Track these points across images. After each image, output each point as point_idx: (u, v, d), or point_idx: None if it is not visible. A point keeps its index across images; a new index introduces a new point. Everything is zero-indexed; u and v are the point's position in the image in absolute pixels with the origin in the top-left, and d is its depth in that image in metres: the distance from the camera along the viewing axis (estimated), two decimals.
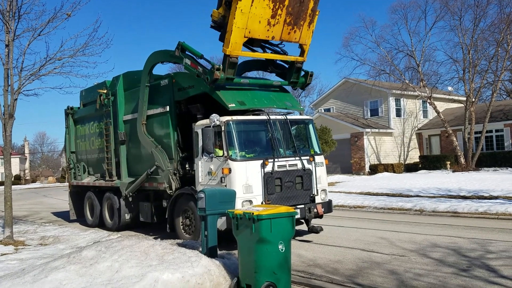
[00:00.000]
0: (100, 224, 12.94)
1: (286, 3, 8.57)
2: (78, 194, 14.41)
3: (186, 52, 9.23)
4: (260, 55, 9.68)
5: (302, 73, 9.99)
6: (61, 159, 71.62)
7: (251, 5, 8.18)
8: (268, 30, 8.71)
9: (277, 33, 8.90)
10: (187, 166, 9.81)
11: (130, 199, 11.56)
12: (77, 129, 14.58)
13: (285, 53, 9.73)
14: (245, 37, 8.55)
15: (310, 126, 10.11)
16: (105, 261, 6.10)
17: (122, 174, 11.77)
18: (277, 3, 8.47)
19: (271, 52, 9.76)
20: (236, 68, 8.87)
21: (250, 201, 8.39)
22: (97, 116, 13.10)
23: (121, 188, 11.62)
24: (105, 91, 12.33)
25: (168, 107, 10.02)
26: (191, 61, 9.11)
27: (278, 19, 8.67)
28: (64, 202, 19.10)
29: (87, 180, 13.71)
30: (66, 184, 18.09)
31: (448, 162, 28.14)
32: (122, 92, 11.90)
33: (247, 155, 8.83)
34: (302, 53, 9.61)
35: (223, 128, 8.69)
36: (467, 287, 5.92)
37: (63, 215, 16.83)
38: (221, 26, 8.77)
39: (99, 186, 13.04)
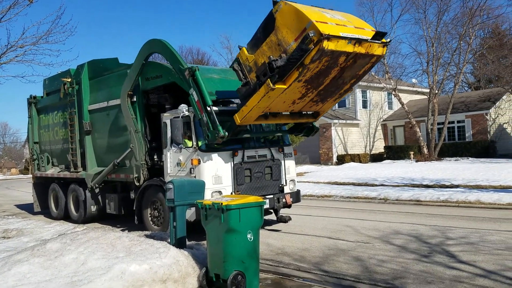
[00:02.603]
0: (65, 216, 12.67)
1: (321, 88, 7.59)
2: (42, 185, 14.04)
3: (195, 80, 8.20)
4: (273, 121, 8.72)
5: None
6: (24, 150, 69.29)
7: (282, 93, 7.17)
8: (289, 107, 7.98)
9: (298, 108, 8.15)
10: (155, 157, 9.71)
11: (96, 190, 11.35)
12: (41, 118, 14.15)
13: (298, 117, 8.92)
14: (262, 112, 7.78)
15: None
16: (71, 254, 6.00)
17: (87, 165, 11.53)
18: (311, 89, 7.49)
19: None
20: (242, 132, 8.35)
21: (220, 192, 8.40)
22: (61, 106, 12.74)
23: (86, 179, 11.39)
24: (69, 80, 11.99)
25: (135, 97, 9.85)
26: (198, 99, 8.11)
27: (305, 99, 7.82)
28: (27, 194, 18.54)
29: (51, 171, 13.37)
30: (30, 176, 17.57)
31: (412, 152, 28.92)
32: (87, 81, 11.62)
33: (216, 146, 8.82)
34: (316, 116, 8.96)
35: (192, 119, 8.64)
36: (428, 272, 6.15)
37: (26, 208, 16.37)
38: (243, 73, 7.56)
39: (64, 177, 12.74)
